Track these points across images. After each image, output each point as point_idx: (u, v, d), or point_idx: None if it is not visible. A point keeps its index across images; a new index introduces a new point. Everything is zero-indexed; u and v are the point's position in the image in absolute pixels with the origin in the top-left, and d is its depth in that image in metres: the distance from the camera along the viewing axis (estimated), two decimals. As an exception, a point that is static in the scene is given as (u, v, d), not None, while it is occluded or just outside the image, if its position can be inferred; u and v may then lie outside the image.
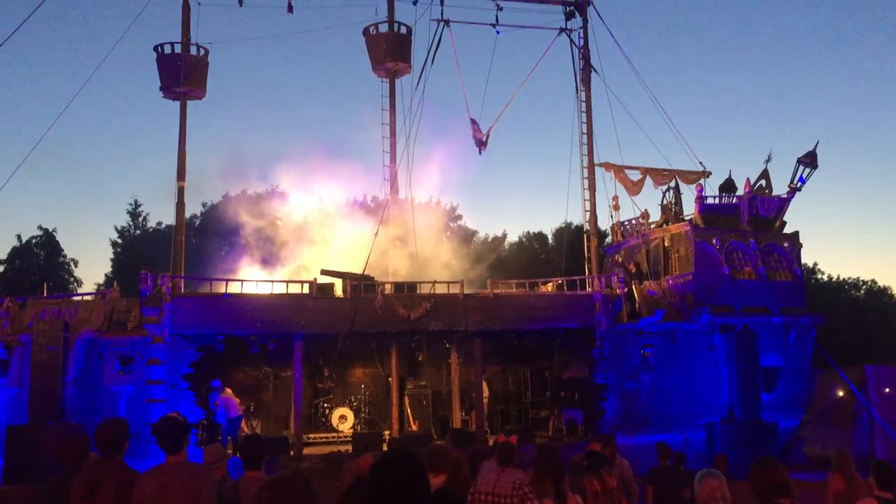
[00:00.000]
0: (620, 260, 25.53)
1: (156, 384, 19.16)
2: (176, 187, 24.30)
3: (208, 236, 29.43)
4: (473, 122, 25.00)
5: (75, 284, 42.69)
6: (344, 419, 22.74)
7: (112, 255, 42.99)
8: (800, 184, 24.09)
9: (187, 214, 27.43)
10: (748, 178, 24.20)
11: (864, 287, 50.04)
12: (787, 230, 24.47)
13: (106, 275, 42.14)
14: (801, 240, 24.50)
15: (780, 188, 24.50)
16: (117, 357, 19.15)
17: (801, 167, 23.98)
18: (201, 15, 24.74)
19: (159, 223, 42.68)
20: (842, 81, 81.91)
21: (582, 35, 27.54)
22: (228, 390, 20.14)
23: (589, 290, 22.90)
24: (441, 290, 22.06)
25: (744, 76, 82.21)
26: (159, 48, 24.41)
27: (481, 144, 25.08)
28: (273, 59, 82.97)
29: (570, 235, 34.95)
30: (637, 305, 22.00)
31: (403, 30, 26.85)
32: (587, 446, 9.42)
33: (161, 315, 19.23)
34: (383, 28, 26.69)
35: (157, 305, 19.27)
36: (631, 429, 20.65)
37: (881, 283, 51.35)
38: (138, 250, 39.48)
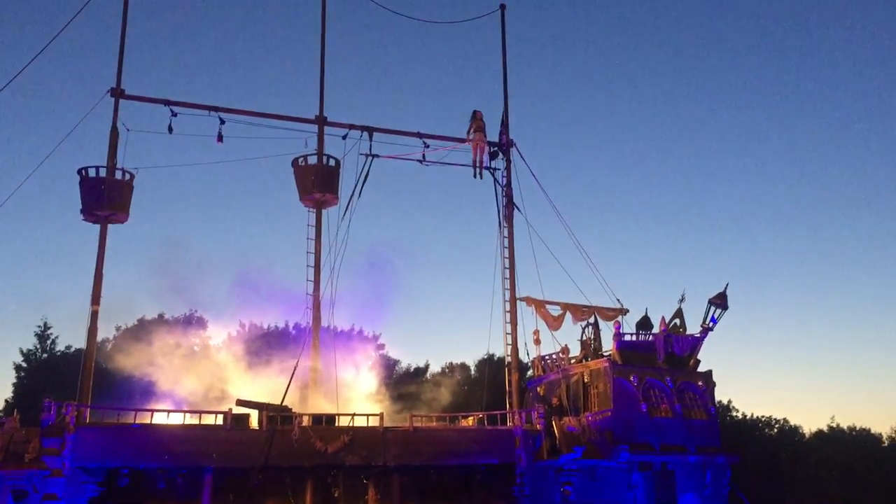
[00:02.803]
0: (541, 394, 25.63)
1: (50, 522, 17.97)
2: (89, 311, 23.57)
3: (121, 362, 28.46)
4: None
5: (-28, 411, 40.19)
6: (253, 560, 21.52)
7: (14, 380, 40.87)
8: (712, 324, 24.97)
9: (100, 338, 26.53)
10: (663, 317, 24.96)
11: (776, 426, 51.06)
12: (701, 369, 25.11)
13: (6, 400, 39.86)
14: (715, 378, 25.14)
15: (694, 327, 25.33)
16: (10, 492, 18.01)
17: (713, 308, 24.92)
18: (129, 140, 24.83)
19: (69, 347, 40.98)
20: (754, 225, 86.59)
21: (505, 174, 28.62)
22: None
23: (509, 424, 22.80)
24: (360, 421, 21.64)
25: (659, 216, 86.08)
26: (83, 171, 24.25)
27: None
28: (201, 185, 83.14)
29: (493, 367, 35.00)
30: (557, 442, 21.97)
31: (332, 162, 27.41)
32: None
33: (62, 446, 18.28)
34: (312, 160, 27.20)
35: (59, 436, 18.33)
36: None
37: (792, 422, 52.48)
38: (44, 375, 37.67)
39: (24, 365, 40.66)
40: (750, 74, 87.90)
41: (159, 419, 20.23)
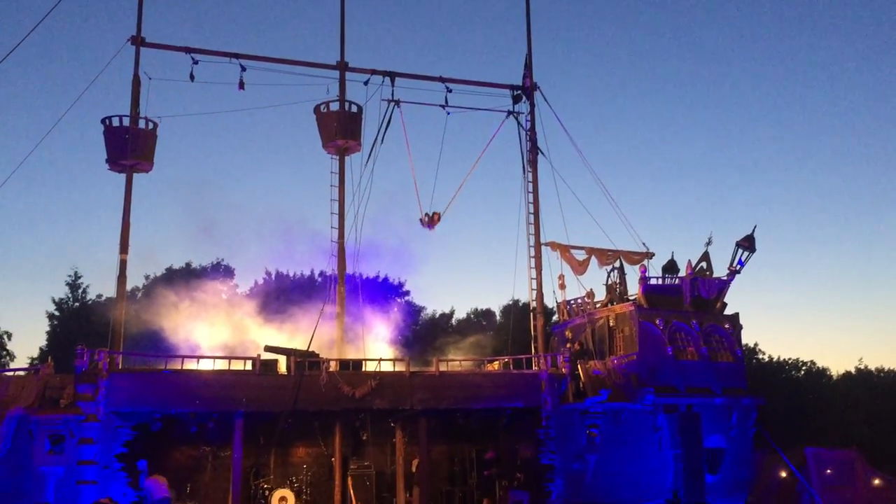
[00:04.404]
0: (569, 337, 25.65)
1: (88, 465, 18.47)
2: (118, 260, 23.83)
3: (150, 310, 28.88)
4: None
5: (8, 359, 41.13)
6: (284, 501, 22.05)
7: (48, 328, 41.71)
8: (739, 266, 24.69)
9: (129, 287, 26.86)
10: (689, 260, 24.72)
11: (803, 368, 50.82)
12: (728, 312, 24.94)
13: (41, 348, 40.76)
14: (742, 321, 24.96)
15: (720, 270, 25.06)
16: (48, 436, 18.46)
17: (740, 250, 24.62)
18: (151, 89, 24.77)
19: (99, 295, 41.64)
20: (780, 166, 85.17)
21: (529, 118, 28.29)
22: (156, 475, 19.60)
23: (535, 368, 22.90)
24: (387, 367, 21.87)
25: (685, 159, 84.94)
26: (107, 121, 24.28)
27: (428, 224, 25.66)
28: (224, 133, 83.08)
29: (518, 313, 35.08)
30: (582, 385, 22.07)
31: (354, 108, 27.19)
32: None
33: (96, 392, 18.66)
34: (334, 106, 26.98)
35: (93, 382, 18.70)
36: (577, 511, 20.43)
37: (819, 364, 52.18)
38: (76, 323, 38.38)
39: (56, 314, 41.45)
40: (777, 14, 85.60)
41: (189, 365, 20.57)
